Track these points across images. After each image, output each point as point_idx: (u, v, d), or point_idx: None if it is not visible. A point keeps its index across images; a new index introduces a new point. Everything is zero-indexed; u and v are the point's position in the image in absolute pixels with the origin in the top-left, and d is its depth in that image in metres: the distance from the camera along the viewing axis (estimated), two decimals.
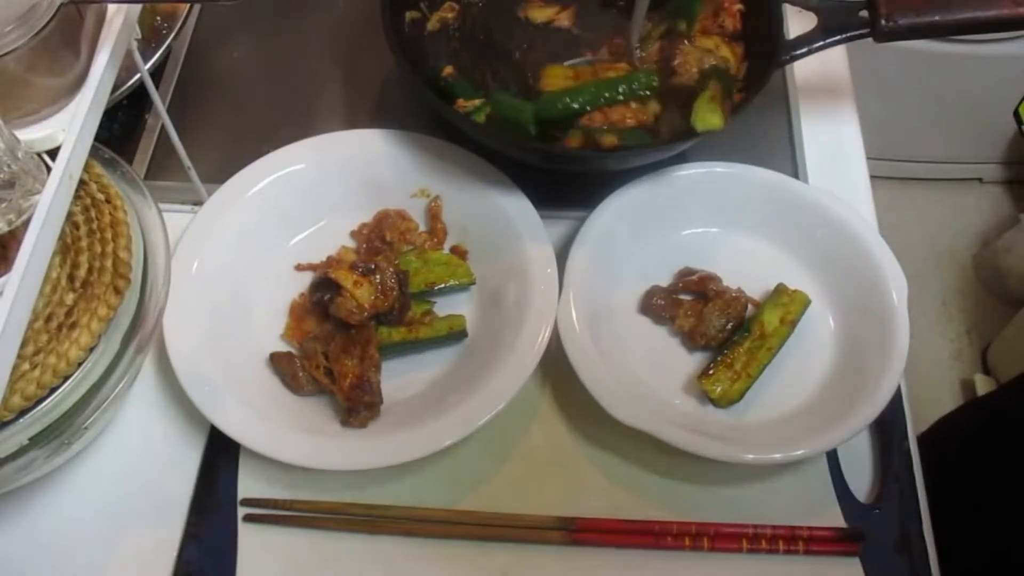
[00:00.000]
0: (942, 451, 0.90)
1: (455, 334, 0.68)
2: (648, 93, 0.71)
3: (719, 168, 0.73)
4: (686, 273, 0.72)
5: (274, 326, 0.70)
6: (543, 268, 0.67)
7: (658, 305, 0.70)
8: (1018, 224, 1.62)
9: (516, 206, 0.71)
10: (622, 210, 0.71)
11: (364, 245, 0.73)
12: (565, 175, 0.75)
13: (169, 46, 0.78)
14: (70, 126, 0.51)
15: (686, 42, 0.74)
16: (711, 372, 0.66)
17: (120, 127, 0.80)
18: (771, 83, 0.70)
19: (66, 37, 0.51)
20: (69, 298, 0.53)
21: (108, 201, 0.57)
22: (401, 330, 0.68)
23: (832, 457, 0.65)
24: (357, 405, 0.64)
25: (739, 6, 0.77)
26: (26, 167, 0.48)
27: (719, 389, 0.65)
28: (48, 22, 0.49)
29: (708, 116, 0.67)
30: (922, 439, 0.68)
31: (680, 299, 0.70)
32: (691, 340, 0.69)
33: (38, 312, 0.52)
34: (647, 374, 0.68)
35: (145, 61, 0.68)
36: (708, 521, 0.62)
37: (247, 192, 0.72)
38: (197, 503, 0.63)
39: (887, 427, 0.66)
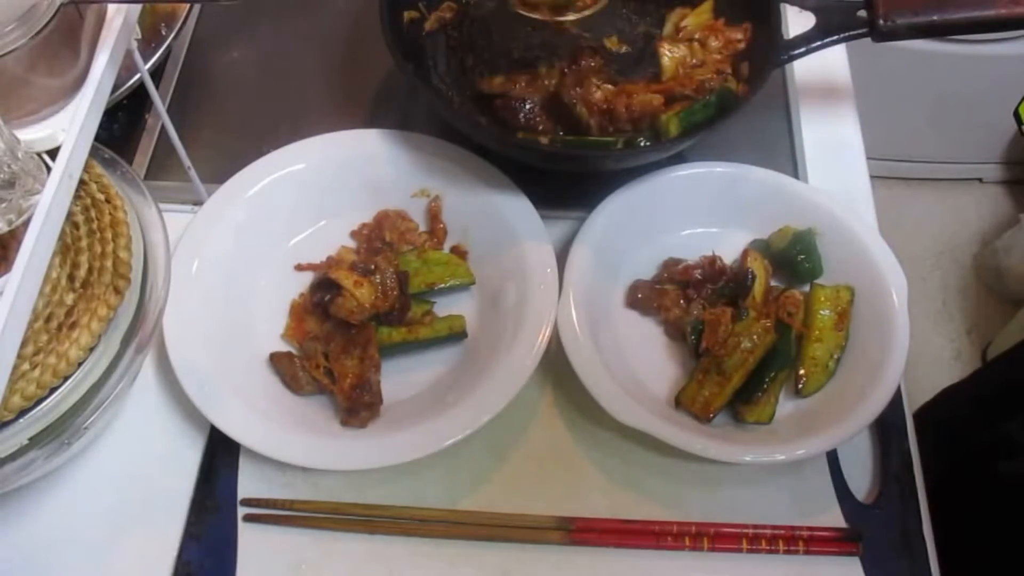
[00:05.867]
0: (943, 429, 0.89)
1: (455, 334, 0.68)
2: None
3: (719, 168, 0.73)
4: (671, 264, 0.72)
5: (274, 326, 0.70)
6: (543, 268, 0.67)
7: (641, 298, 0.70)
8: (1018, 224, 1.62)
9: (516, 206, 0.71)
10: (622, 210, 0.71)
11: (364, 245, 0.73)
12: (565, 175, 0.75)
13: (169, 46, 0.78)
14: (70, 126, 0.51)
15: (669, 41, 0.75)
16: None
17: (120, 127, 0.80)
18: (771, 83, 0.70)
19: (66, 37, 0.51)
20: (69, 298, 0.53)
21: (108, 201, 0.56)
22: (401, 330, 0.68)
23: (832, 457, 0.65)
24: (357, 405, 0.64)
25: None
26: (26, 167, 0.48)
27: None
28: (48, 22, 0.49)
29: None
30: (918, 415, 0.68)
31: (665, 289, 0.70)
32: (675, 329, 0.69)
33: (38, 312, 0.52)
34: (647, 374, 0.68)
35: (145, 61, 0.68)
36: (708, 521, 0.62)
37: (247, 192, 0.72)
38: (197, 503, 0.63)
39: (887, 427, 0.66)
